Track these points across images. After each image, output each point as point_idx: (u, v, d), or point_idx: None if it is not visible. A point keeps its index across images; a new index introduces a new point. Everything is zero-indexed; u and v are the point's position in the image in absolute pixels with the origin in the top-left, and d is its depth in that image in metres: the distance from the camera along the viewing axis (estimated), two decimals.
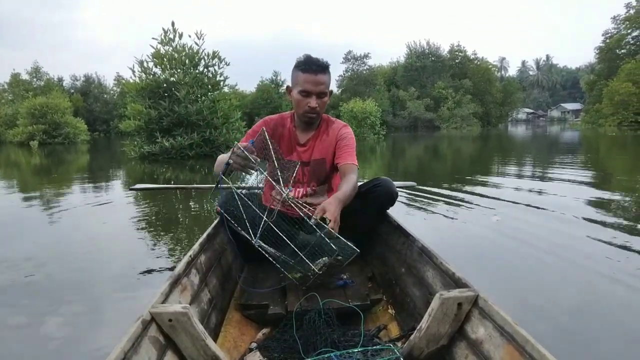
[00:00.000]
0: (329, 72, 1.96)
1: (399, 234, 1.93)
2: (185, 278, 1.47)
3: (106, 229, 4.16)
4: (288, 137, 2.12)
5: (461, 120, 43.86)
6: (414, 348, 1.23)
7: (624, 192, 5.48)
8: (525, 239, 3.35)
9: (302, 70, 1.91)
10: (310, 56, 1.96)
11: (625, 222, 3.80)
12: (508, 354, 1.00)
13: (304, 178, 2.13)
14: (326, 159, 2.10)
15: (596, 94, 41.07)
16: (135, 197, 5.89)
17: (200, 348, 1.15)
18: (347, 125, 2.15)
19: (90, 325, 2.06)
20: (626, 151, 13.55)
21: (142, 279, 2.64)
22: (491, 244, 3.34)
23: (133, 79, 13.26)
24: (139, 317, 1.09)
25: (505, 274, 2.69)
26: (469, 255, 3.01)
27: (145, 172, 9.75)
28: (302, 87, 1.93)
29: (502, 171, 8.52)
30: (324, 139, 2.11)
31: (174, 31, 13.18)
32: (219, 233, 2.07)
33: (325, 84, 1.94)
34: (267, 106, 51.59)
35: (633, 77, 35.45)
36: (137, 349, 1.00)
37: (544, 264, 2.81)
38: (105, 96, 51.89)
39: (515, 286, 2.48)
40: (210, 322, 1.50)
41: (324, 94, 1.96)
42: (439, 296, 1.18)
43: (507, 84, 55.31)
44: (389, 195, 2.01)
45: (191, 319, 1.12)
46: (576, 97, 75.56)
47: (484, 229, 3.71)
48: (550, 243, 3.21)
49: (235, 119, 14.08)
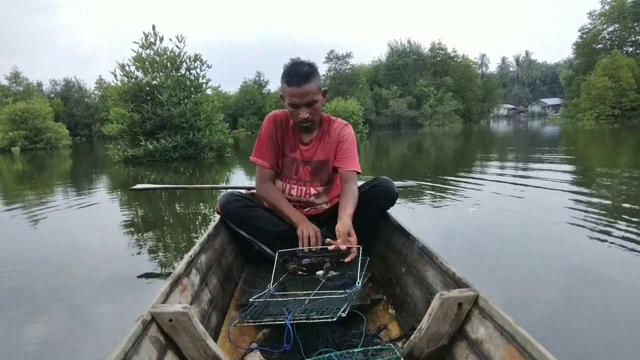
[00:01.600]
0: (315, 78, 1.87)
1: (399, 233, 1.93)
2: (186, 278, 1.47)
3: (95, 232, 4.19)
4: (292, 134, 2.09)
5: (443, 117, 44.29)
6: (414, 348, 1.23)
7: (603, 182, 5.72)
8: (503, 226, 3.72)
9: (287, 83, 1.86)
10: (293, 65, 1.88)
11: (600, 207, 4.10)
12: (508, 354, 1.01)
13: (305, 177, 2.11)
14: (329, 160, 2.08)
15: (574, 89, 41.75)
16: (122, 200, 5.98)
17: (200, 348, 1.15)
18: (347, 125, 2.14)
19: (85, 329, 2.09)
20: (604, 144, 13.95)
21: (135, 283, 2.65)
22: (469, 232, 3.59)
23: (115, 82, 13.30)
24: (140, 317, 1.08)
25: (481, 258, 2.93)
26: (458, 246, 3.22)
27: (129, 175, 9.78)
28: (289, 100, 1.89)
29: (484, 165, 8.76)
30: (326, 140, 2.09)
31: (155, 35, 13.25)
32: (219, 233, 2.05)
33: (312, 92, 1.86)
34: (251, 107, 51.58)
35: (609, 71, 36.19)
36: (138, 349, 1.01)
37: (519, 249, 3.09)
38: (86, 100, 51.29)
39: (486, 265, 2.75)
40: (211, 322, 1.50)
41: (314, 102, 1.90)
42: (439, 296, 1.18)
43: (487, 80, 55.95)
44: (389, 195, 2.03)
45: (191, 319, 1.13)
46: (556, 92, 76.57)
47: (461, 220, 3.98)
48: (529, 230, 3.52)
49: (219, 121, 14.20)
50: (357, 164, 2.02)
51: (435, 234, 3.51)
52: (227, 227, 2.12)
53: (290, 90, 1.85)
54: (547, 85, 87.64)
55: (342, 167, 2.01)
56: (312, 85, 1.86)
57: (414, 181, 4.50)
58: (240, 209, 2.02)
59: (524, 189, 5.38)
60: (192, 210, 5.16)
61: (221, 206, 2.06)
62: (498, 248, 3.17)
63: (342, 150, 2.04)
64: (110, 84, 14.36)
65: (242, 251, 2.16)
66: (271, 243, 2.00)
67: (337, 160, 2.04)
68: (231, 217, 2.06)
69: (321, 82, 1.93)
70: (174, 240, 3.64)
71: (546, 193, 5.07)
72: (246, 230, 2.05)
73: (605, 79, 35.84)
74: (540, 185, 5.52)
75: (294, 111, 1.92)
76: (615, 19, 43.02)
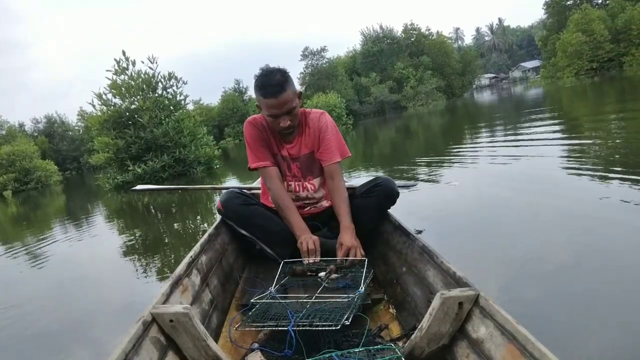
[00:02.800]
0: (289, 85, 1.84)
1: (400, 233, 1.92)
2: (187, 278, 1.47)
3: (97, 264, 4.20)
4: (275, 135, 2.07)
5: (425, 96, 44.40)
6: (415, 347, 1.23)
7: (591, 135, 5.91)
8: (491, 195, 3.86)
9: (262, 95, 1.83)
10: (265, 76, 1.85)
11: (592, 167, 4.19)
12: (509, 353, 1.01)
13: (298, 173, 2.11)
14: (314, 151, 2.08)
15: (550, 49, 41.91)
16: (119, 227, 6.09)
17: (201, 348, 1.15)
18: (324, 113, 2.12)
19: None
20: (586, 98, 14.24)
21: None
22: (454, 204, 3.75)
23: (95, 112, 13.38)
24: (140, 317, 1.09)
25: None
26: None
27: (122, 202, 9.86)
28: (268, 112, 1.87)
29: (473, 139, 8.91)
30: (308, 133, 2.07)
31: (127, 59, 13.34)
32: (220, 233, 2.06)
33: (289, 99, 1.84)
34: (235, 115, 51.46)
35: (582, 26, 36.33)
36: (138, 350, 1.01)
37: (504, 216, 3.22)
38: (70, 133, 51.02)
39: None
40: (212, 322, 1.50)
41: (292, 109, 1.87)
42: (440, 295, 1.18)
43: (464, 53, 56.01)
44: (389, 194, 2.03)
45: (192, 319, 1.13)
46: (534, 54, 76.71)
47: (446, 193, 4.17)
48: (521, 197, 3.57)
49: (202, 135, 14.32)
50: (343, 150, 2.04)
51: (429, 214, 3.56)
52: (227, 227, 2.12)
53: (267, 102, 1.83)
54: (525, 49, 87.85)
55: (324, 160, 2.02)
56: (288, 93, 1.83)
57: (415, 181, 4.57)
58: (241, 206, 2.03)
59: (515, 157, 5.44)
60: (190, 221, 5.21)
61: (222, 203, 2.07)
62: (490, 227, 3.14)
63: (323, 141, 2.03)
64: (91, 114, 14.40)
65: (243, 251, 2.17)
66: (271, 241, 2.01)
67: (319, 153, 2.04)
68: (232, 214, 2.07)
69: (294, 87, 1.90)
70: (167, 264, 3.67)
71: (535, 161, 5.09)
72: (246, 229, 2.06)
73: (579, 34, 36.00)
74: (528, 153, 5.50)
75: (274, 121, 1.90)
76: None
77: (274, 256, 1.98)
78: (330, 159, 2.00)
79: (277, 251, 1.97)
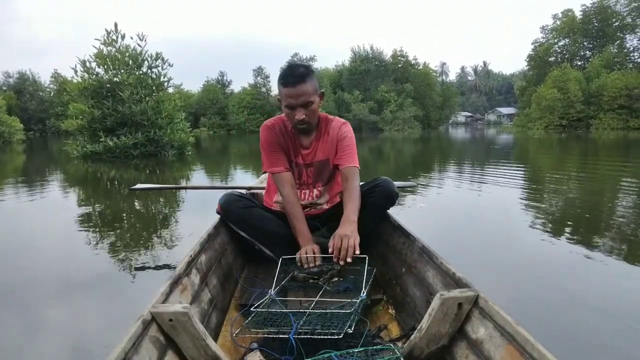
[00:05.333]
0: (310, 79, 1.87)
1: (400, 233, 1.93)
2: (186, 278, 1.46)
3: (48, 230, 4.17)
4: (292, 140, 2.08)
5: (403, 122, 45.15)
6: (414, 348, 1.23)
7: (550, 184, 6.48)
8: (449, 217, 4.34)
9: (283, 84, 1.86)
10: (289, 67, 1.89)
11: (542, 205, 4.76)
12: (508, 354, 1.01)
13: (308, 180, 2.12)
14: (329, 159, 2.08)
15: (526, 99, 43.61)
16: (78, 196, 6.06)
17: (200, 348, 1.15)
18: (346, 123, 2.13)
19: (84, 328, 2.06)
20: (552, 151, 15.00)
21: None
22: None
23: (75, 78, 13.21)
24: (140, 316, 1.08)
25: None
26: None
27: (88, 171, 9.78)
28: (286, 102, 1.89)
29: (441, 169, 9.36)
30: (325, 139, 2.08)
31: (117, 32, 13.25)
32: (220, 233, 2.04)
33: (308, 92, 1.86)
34: (213, 106, 51.11)
35: (558, 83, 38.06)
36: (138, 349, 1.01)
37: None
38: (40, 94, 49.43)
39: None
40: (211, 322, 1.50)
41: (310, 103, 1.89)
42: (439, 296, 1.18)
43: (446, 88, 57.59)
44: (389, 195, 2.03)
45: (192, 318, 1.12)
46: (511, 101, 79.32)
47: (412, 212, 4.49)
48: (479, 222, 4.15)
49: (180, 120, 14.30)
50: (357, 160, 2.04)
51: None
52: (227, 227, 2.10)
53: (286, 91, 1.85)
54: (503, 95, 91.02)
55: (343, 163, 2.01)
56: (308, 86, 1.85)
57: (414, 181, 4.74)
58: (240, 209, 2.01)
59: (477, 191, 5.99)
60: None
61: (221, 206, 2.04)
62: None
63: (342, 147, 2.04)
64: (66, 78, 14.17)
65: (242, 251, 2.15)
66: (271, 243, 2.01)
67: (338, 158, 2.05)
68: (231, 217, 2.05)
69: (316, 84, 1.93)
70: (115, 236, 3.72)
71: (499, 192, 5.73)
72: (246, 231, 2.04)
73: (555, 90, 37.66)
74: (490, 190, 6.06)
75: (290, 113, 1.91)
76: (566, 34, 45.38)
77: (273, 257, 1.97)
78: (350, 162, 2.00)
79: (277, 253, 1.93)
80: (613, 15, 43.25)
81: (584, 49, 46.63)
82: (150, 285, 2.48)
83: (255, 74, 53.97)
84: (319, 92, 1.95)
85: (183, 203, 5.50)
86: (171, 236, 3.79)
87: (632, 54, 44.17)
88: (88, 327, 2.11)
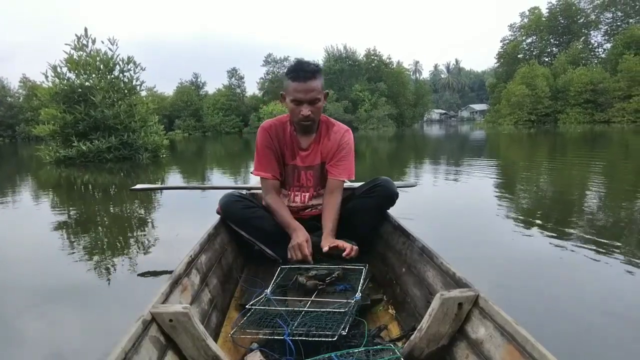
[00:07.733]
0: (319, 77, 1.90)
1: (400, 233, 1.92)
2: (186, 278, 1.46)
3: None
4: (290, 142, 2.07)
5: (377, 121, 45.59)
6: (414, 348, 1.22)
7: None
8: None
9: (292, 78, 1.87)
10: (299, 63, 1.91)
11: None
12: (508, 354, 1.01)
13: (308, 183, 2.11)
14: (326, 162, 2.09)
15: (497, 96, 44.57)
16: (52, 201, 5.98)
17: (200, 348, 1.15)
18: (349, 130, 2.13)
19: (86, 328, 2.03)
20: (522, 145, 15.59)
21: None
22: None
23: (46, 83, 13.12)
24: (140, 317, 1.08)
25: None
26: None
27: (62, 176, 9.71)
28: (293, 96, 1.89)
29: (417, 164, 9.72)
30: (325, 143, 2.08)
31: (87, 37, 13.21)
32: (220, 233, 2.02)
33: (317, 89, 1.88)
34: (188, 108, 50.61)
35: (527, 80, 39.06)
36: (138, 349, 1.00)
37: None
38: (9, 99, 48.15)
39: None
40: (211, 322, 1.49)
41: (317, 100, 1.91)
42: (440, 296, 1.18)
43: (419, 86, 58.28)
44: (389, 195, 2.03)
45: (192, 319, 1.12)
46: (483, 98, 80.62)
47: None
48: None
49: (153, 123, 14.29)
50: (351, 173, 2.06)
51: None
52: (227, 227, 2.09)
53: (296, 85, 1.86)
54: (476, 92, 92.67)
55: (333, 174, 2.03)
56: (317, 83, 1.88)
57: (415, 181, 4.81)
58: (241, 209, 2.00)
59: (452, 182, 6.31)
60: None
61: (221, 207, 2.03)
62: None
63: (340, 157, 2.05)
64: (36, 83, 14.01)
65: (242, 251, 2.14)
66: (271, 243, 2.01)
67: (331, 165, 2.06)
68: (231, 217, 2.03)
69: (323, 83, 1.95)
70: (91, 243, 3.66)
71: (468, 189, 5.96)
72: (246, 231, 2.02)
73: (523, 87, 38.60)
74: (465, 182, 6.38)
75: (295, 108, 1.91)
76: (533, 32, 46.59)
77: (274, 257, 1.98)
78: (340, 174, 2.03)
79: (278, 252, 1.96)
80: (578, 12, 44.68)
81: (550, 45, 47.94)
82: (150, 286, 2.49)
83: (229, 75, 53.55)
84: (324, 92, 1.98)
85: (183, 203, 5.48)
86: (171, 237, 3.77)
87: (597, 49, 45.72)
88: (88, 327, 2.14)
